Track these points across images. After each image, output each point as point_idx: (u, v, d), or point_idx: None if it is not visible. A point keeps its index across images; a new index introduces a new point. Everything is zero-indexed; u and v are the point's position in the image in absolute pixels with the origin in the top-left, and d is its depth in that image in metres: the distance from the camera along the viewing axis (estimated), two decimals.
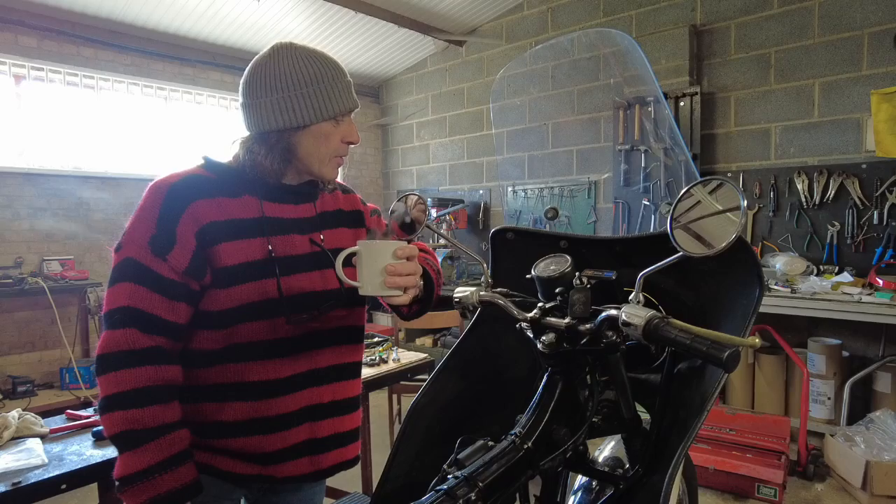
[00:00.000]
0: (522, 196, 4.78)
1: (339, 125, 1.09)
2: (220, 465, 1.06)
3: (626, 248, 1.05)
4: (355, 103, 1.11)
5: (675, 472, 0.74)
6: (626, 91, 3.94)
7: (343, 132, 1.10)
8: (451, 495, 0.73)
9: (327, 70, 1.07)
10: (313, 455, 1.11)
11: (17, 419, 1.59)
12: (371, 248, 0.98)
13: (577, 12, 4.56)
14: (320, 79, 1.05)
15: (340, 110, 1.07)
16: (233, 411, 1.03)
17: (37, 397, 3.62)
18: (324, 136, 1.07)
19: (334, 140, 1.09)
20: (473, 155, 5.37)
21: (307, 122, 1.05)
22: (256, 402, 1.04)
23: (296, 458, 1.09)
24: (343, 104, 1.08)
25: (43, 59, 3.90)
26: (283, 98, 1.04)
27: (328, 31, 4.75)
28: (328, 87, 1.06)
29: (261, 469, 1.07)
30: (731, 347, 0.68)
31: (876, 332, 3.28)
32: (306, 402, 1.09)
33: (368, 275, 0.98)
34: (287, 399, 1.06)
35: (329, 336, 1.13)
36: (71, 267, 3.90)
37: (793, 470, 2.82)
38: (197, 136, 4.74)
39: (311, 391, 1.10)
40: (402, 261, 0.99)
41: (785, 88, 3.62)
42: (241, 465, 1.06)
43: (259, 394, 1.04)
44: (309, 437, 1.10)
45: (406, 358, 2.42)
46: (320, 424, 1.11)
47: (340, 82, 1.08)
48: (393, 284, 0.98)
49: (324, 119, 1.06)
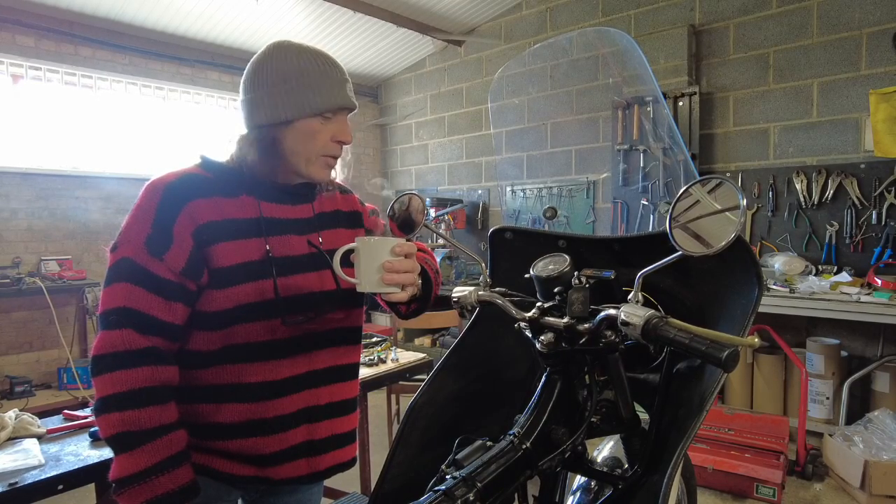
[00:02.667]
0: (521, 196, 4.78)
1: (327, 123, 1.05)
2: (217, 467, 1.05)
3: (624, 248, 1.05)
4: (346, 100, 1.06)
5: (674, 472, 0.74)
6: (624, 91, 3.94)
7: (333, 131, 1.06)
8: (450, 495, 0.73)
9: (316, 65, 1.04)
10: (311, 457, 1.10)
11: (14, 419, 1.58)
12: (369, 245, 0.97)
13: (576, 12, 4.56)
14: (306, 73, 1.02)
15: (327, 106, 1.03)
16: (230, 413, 1.03)
17: (34, 397, 3.61)
18: (310, 134, 1.04)
19: (322, 138, 1.05)
20: (472, 155, 5.37)
21: (290, 117, 1.02)
22: (254, 403, 1.03)
23: (293, 460, 1.08)
24: (330, 100, 1.04)
25: (41, 58, 3.90)
26: (269, 94, 1.02)
27: (327, 31, 4.75)
28: (314, 81, 1.02)
29: (258, 471, 1.06)
30: (729, 347, 0.67)
31: (874, 332, 3.28)
32: (304, 403, 1.08)
33: (366, 271, 0.97)
34: (285, 401, 1.06)
35: (327, 337, 1.12)
36: (69, 267, 3.89)
37: (791, 470, 2.82)
38: (196, 136, 4.73)
39: (308, 393, 1.09)
40: (400, 258, 0.98)
41: (784, 88, 3.63)
42: (238, 466, 1.05)
43: (256, 395, 1.03)
44: (307, 439, 1.09)
45: (405, 358, 2.42)
46: (318, 426, 1.11)
47: (329, 78, 1.04)
48: (391, 281, 0.97)
49: (308, 115, 1.02)
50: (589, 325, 0.85)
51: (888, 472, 2.49)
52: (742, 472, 2.62)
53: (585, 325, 0.86)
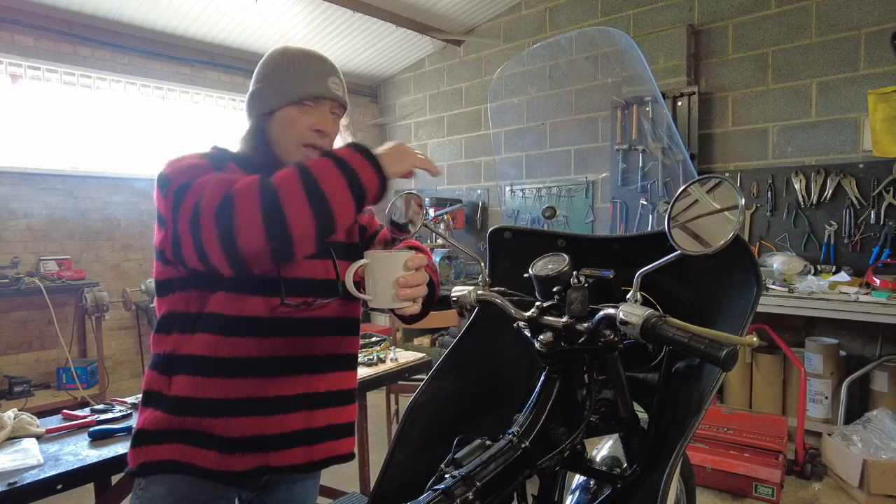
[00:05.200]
0: (520, 196, 4.78)
1: (307, 112, 1.08)
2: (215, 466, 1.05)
3: (623, 247, 1.05)
4: (325, 90, 1.09)
5: (673, 472, 0.74)
6: (623, 91, 3.94)
7: (312, 120, 1.08)
8: (449, 495, 0.73)
9: (299, 60, 1.09)
10: (308, 445, 1.11)
11: (13, 419, 1.58)
12: (381, 261, 0.94)
13: (575, 12, 4.56)
14: (289, 67, 1.09)
15: (303, 95, 1.07)
16: (233, 388, 1.04)
17: (33, 397, 3.61)
18: (288, 122, 1.08)
19: (299, 126, 1.08)
20: (471, 155, 5.37)
21: (272, 107, 1.08)
22: (255, 379, 1.05)
23: (291, 447, 1.09)
24: (307, 89, 1.08)
25: (40, 58, 3.89)
26: (259, 88, 1.11)
27: (326, 31, 4.74)
28: (295, 73, 1.08)
29: (258, 458, 1.06)
30: (728, 346, 0.68)
31: (873, 332, 3.29)
32: (303, 388, 1.10)
33: (380, 288, 0.94)
34: (285, 382, 1.08)
35: (325, 325, 1.14)
36: (68, 267, 3.89)
37: (790, 469, 2.82)
38: (195, 135, 4.72)
39: (307, 378, 1.11)
40: (413, 272, 0.96)
41: (782, 88, 3.63)
42: (237, 459, 1.05)
43: (256, 370, 1.05)
44: (305, 427, 1.10)
45: (404, 358, 2.42)
46: (316, 413, 1.12)
47: (309, 70, 1.09)
48: (405, 296, 0.95)
49: (287, 103, 1.07)
50: (588, 325, 0.85)
51: (887, 472, 2.50)
52: (741, 472, 2.62)
53: (584, 324, 0.86)
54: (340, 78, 1.14)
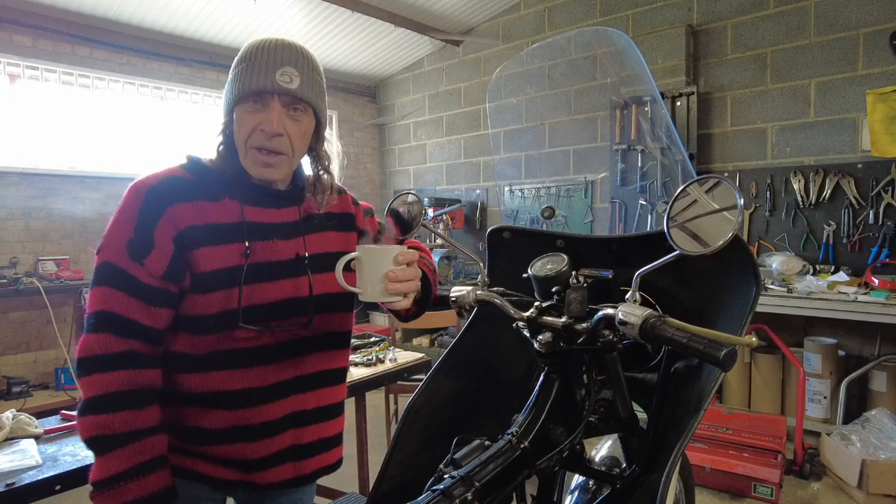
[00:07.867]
0: (519, 196, 4.78)
1: (252, 109, 0.98)
2: (202, 470, 1.05)
3: (622, 247, 1.05)
4: (268, 84, 0.96)
5: (672, 472, 0.74)
6: (622, 91, 3.94)
7: (259, 118, 0.97)
8: (448, 495, 0.73)
9: (253, 51, 1.00)
10: (297, 461, 1.09)
11: (12, 420, 1.58)
12: (372, 254, 0.96)
13: (574, 12, 4.56)
14: (241, 60, 1.00)
15: (245, 91, 0.97)
16: (216, 419, 1.02)
17: (32, 398, 3.60)
18: (239, 123, 0.99)
19: (246, 127, 0.98)
20: (470, 155, 5.37)
21: (228, 108, 1.01)
22: (240, 410, 1.02)
23: (279, 465, 1.07)
24: (250, 84, 0.97)
25: (38, 58, 3.89)
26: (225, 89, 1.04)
27: (325, 31, 4.74)
28: (246, 66, 0.99)
29: (243, 475, 1.06)
30: (727, 346, 0.68)
31: (872, 332, 3.29)
32: (290, 409, 1.07)
33: (369, 281, 0.95)
34: (272, 407, 1.05)
35: (314, 342, 1.10)
36: (66, 267, 3.88)
37: (789, 469, 2.82)
38: (193, 135, 4.72)
39: (295, 398, 1.08)
40: (403, 266, 0.96)
41: (781, 88, 3.63)
42: (223, 470, 1.05)
43: (243, 402, 1.02)
44: (293, 444, 1.08)
45: (403, 358, 2.42)
46: (305, 430, 1.10)
47: (257, 61, 0.98)
48: (394, 291, 0.95)
49: (236, 103, 0.99)
50: (587, 325, 0.85)
51: (885, 471, 2.50)
52: (740, 472, 2.62)
53: (583, 324, 0.86)
54: (301, 67, 1.00)
